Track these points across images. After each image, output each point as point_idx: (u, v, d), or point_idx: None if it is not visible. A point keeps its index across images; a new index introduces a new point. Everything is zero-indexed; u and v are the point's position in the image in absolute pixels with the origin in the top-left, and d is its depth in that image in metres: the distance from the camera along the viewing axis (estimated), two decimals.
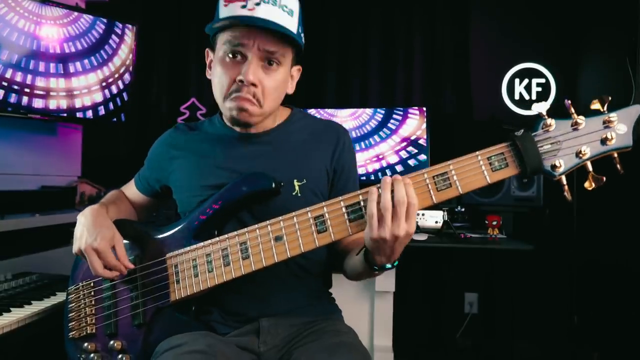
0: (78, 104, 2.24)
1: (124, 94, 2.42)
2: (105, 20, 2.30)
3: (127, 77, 2.43)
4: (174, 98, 2.99)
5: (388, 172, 2.60)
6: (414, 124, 2.59)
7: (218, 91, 1.09)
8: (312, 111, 2.67)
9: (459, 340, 2.79)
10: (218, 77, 1.08)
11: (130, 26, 2.41)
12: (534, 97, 2.80)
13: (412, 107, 2.63)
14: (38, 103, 2.08)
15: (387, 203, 0.88)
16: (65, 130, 2.42)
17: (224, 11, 1.04)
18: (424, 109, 2.60)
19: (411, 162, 2.58)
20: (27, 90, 2.03)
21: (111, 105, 2.37)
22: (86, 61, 2.25)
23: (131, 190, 1.34)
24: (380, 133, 2.62)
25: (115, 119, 2.41)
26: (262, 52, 1.04)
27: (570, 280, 2.51)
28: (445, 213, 2.30)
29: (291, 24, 1.05)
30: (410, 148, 2.58)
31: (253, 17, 1.01)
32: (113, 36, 2.34)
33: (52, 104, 2.14)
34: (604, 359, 2.50)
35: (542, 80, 2.80)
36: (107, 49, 2.33)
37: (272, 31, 1.02)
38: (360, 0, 2.92)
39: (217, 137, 1.19)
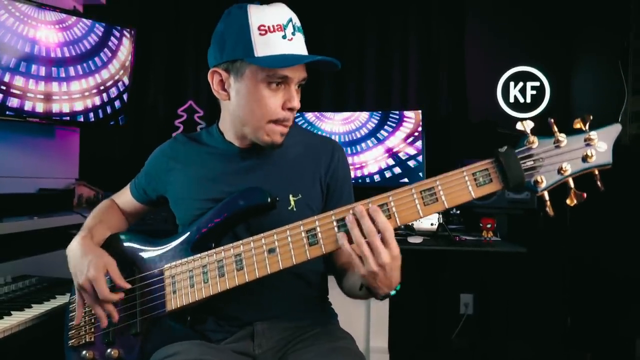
0: (77, 107, 2.25)
1: (123, 97, 2.43)
2: (103, 25, 2.31)
3: (125, 80, 2.44)
4: (171, 100, 2.99)
5: (394, 170, 2.62)
6: (410, 127, 2.61)
7: (259, 114, 1.08)
8: (308, 115, 2.70)
9: (455, 340, 2.81)
10: (258, 103, 1.07)
11: (128, 30, 2.42)
12: (528, 100, 2.83)
13: (408, 110, 2.66)
14: (36, 107, 2.09)
15: (359, 239, 0.91)
16: (63, 133, 2.44)
17: (262, 41, 1.03)
18: (420, 111, 2.63)
19: (409, 164, 2.60)
20: (25, 94, 2.04)
21: (110, 108, 2.39)
22: (84, 65, 2.26)
23: (125, 197, 1.36)
24: (377, 136, 2.64)
25: (113, 122, 2.42)
26: (299, 80, 1.09)
27: (563, 282, 2.54)
28: (441, 216, 2.32)
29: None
30: (406, 150, 2.61)
31: (304, 55, 1.07)
32: (111, 40, 2.36)
33: (51, 108, 2.15)
34: (597, 359, 2.53)
35: (537, 84, 2.82)
36: (105, 52, 2.34)
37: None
38: (355, 4, 2.94)
39: (216, 151, 1.21)
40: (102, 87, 2.34)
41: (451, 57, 2.87)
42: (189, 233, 1.13)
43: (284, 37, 1.04)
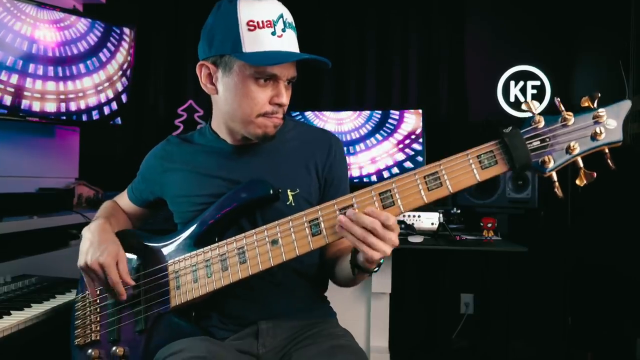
0: (76, 106, 2.24)
1: (123, 97, 2.43)
2: (103, 24, 2.31)
3: (125, 79, 2.43)
4: (171, 100, 2.99)
5: (394, 170, 2.62)
6: (410, 126, 2.61)
7: (247, 109, 1.07)
8: (308, 114, 2.70)
9: (455, 340, 2.81)
10: (246, 98, 1.06)
11: (128, 29, 2.41)
12: (529, 99, 2.81)
13: (408, 109, 2.66)
14: (36, 106, 2.08)
15: (362, 232, 0.90)
16: (63, 132, 2.43)
17: (251, 37, 1.02)
18: (420, 111, 2.62)
19: (408, 164, 2.60)
20: (25, 93, 2.03)
21: (109, 108, 2.38)
22: (84, 64, 2.26)
23: (124, 201, 1.36)
24: (377, 135, 2.64)
25: (114, 121, 2.41)
26: (288, 77, 1.08)
27: (564, 281, 2.54)
28: (441, 215, 2.32)
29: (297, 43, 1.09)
30: (406, 150, 2.60)
31: (292, 52, 1.05)
32: (111, 39, 2.35)
33: (51, 107, 2.14)
34: (598, 359, 2.53)
35: (537, 83, 2.82)
36: (105, 52, 2.33)
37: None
38: (356, 3, 2.93)
39: (210, 149, 1.20)
40: (101, 87, 2.34)
41: (451, 56, 2.87)
42: (192, 228, 1.12)
43: (274, 33, 1.02)
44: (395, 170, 2.63)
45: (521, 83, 2.83)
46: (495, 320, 2.76)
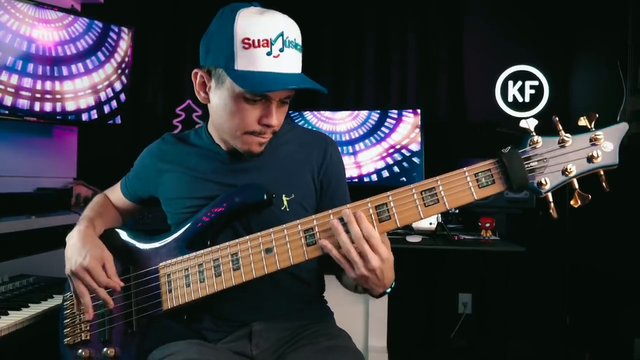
0: (74, 106, 2.24)
1: (121, 96, 2.42)
2: (101, 24, 2.31)
3: (123, 79, 2.43)
4: (170, 99, 2.99)
5: (393, 170, 2.62)
6: (409, 126, 2.61)
7: (234, 125, 1.05)
8: (307, 114, 2.69)
9: (453, 340, 2.82)
10: (235, 115, 1.04)
11: (126, 29, 2.41)
12: (527, 99, 2.83)
13: (406, 110, 2.66)
14: (34, 106, 2.08)
15: (347, 245, 0.89)
16: (61, 132, 2.43)
17: (245, 55, 0.96)
18: (418, 111, 2.62)
19: (406, 164, 2.60)
20: (23, 93, 2.03)
21: (108, 108, 2.38)
22: (82, 64, 2.26)
23: (117, 195, 1.36)
24: (375, 135, 2.64)
25: (111, 121, 2.41)
26: (281, 97, 1.04)
27: (562, 281, 2.54)
28: (439, 215, 2.32)
29: (300, 62, 1.04)
30: (405, 150, 2.60)
31: (284, 78, 0.98)
32: (109, 39, 2.35)
33: (49, 107, 2.14)
34: (596, 359, 2.53)
35: (536, 83, 2.82)
36: (103, 51, 2.33)
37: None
38: (354, 3, 2.93)
39: (206, 152, 1.19)
40: (100, 86, 2.34)
41: (450, 56, 2.87)
42: (183, 229, 1.12)
43: (269, 53, 0.96)
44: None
45: (519, 83, 2.83)
46: (493, 319, 2.76)
